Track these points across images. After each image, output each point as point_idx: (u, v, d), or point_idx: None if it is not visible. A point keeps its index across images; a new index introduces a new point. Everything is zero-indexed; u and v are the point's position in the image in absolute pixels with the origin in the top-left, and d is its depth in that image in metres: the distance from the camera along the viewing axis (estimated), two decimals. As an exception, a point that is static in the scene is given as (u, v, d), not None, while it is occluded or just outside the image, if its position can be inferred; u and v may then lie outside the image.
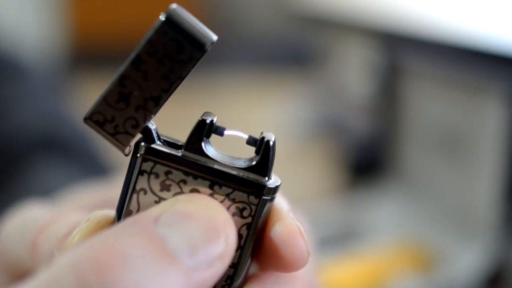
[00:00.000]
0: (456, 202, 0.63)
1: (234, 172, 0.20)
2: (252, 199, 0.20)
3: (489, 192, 0.58)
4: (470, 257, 0.57)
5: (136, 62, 0.19)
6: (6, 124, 0.50)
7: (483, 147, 0.59)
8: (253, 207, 0.20)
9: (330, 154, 0.84)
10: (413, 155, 0.70)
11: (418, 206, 0.67)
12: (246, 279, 0.21)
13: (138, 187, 0.20)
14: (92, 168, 0.48)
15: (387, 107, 0.72)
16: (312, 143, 0.92)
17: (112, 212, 0.21)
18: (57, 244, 0.21)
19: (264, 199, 0.20)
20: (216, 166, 0.20)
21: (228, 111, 0.21)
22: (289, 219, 0.21)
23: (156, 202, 0.20)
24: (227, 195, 0.20)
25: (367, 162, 0.76)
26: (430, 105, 0.67)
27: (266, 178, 0.20)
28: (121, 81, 0.19)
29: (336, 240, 0.65)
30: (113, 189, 0.22)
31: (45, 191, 0.35)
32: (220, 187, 0.20)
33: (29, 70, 0.57)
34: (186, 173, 0.20)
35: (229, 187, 0.20)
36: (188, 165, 0.20)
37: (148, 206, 0.20)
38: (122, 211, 0.20)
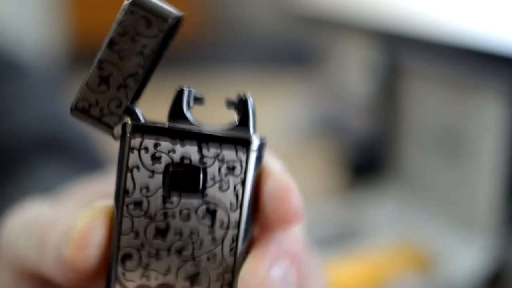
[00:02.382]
0: (456, 202, 0.63)
1: (218, 133, 0.21)
2: (241, 155, 0.21)
3: (489, 192, 0.58)
4: (470, 257, 0.57)
5: (111, 45, 0.21)
6: (6, 124, 0.50)
7: (483, 147, 0.59)
8: (243, 163, 0.21)
9: (330, 154, 0.84)
10: (413, 155, 0.70)
11: (418, 206, 0.67)
12: (251, 241, 0.21)
13: (130, 165, 0.21)
14: (93, 168, 0.48)
15: (387, 107, 0.72)
16: (312, 143, 0.92)
17: (111, 201, 0.21)
18: (62, 238, 0.21)
19: (252, 152, 0.21)
20: (200, 130, 0.21)
21: (228, 110, 0.22)
22: (280, 175, 0.21)
23: (150, 177, 0.21)
24: (216, 157, 0.21)
25: (367, 162, 0.76)
26: (430, 105, 0.67)
27: (251, 133, 0.21)
28: (100, 65, 0.21)
29: (336, 240, 0.65)
30: (111, 181, 0.23)
31: (45, 191, 0.35)
32: (208, 149, 0.21)
33: (29, 70, 0.57)
34: (173, 142, 0.21)
35: (216, 147, 0.21)
36: (174, 133, 0.21)
37: (143, 182, 0.21)
38: (120, 192, 0.21)
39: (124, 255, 0.21)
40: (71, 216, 0.22)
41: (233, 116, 0.22)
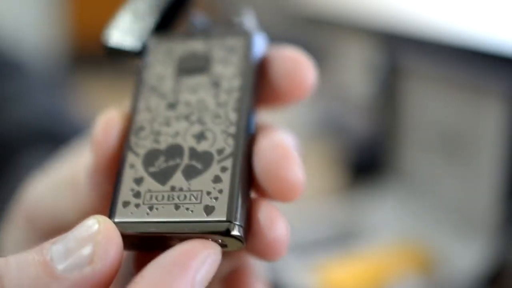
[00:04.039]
0: (456, 202, 0.63)
1: (221, 32, 0.25)
2: (239, 39, 0.24)
3: (489, 192, 0.58)
4: (470, 257, 0.57)
5: None
6: (4, 120, 0.50)
7: (483, 147, 0.59)
8: (242, 43, 0.24)
9: (330, 154, 0.84)
10: (413, 155, 0.70)
11: (418, 206, 0.67)
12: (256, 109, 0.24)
13: (148, 62, 0.25)
14: None
15: (387, 107, 0.72)
16: (312, 143, 0.92)
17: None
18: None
19: (250, 35, 0.24)
20: (205, 32, 0.25)
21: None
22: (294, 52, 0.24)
23: (165, 68, 0.24)
24: (219, 43, 0.24)
25: (367, 162, 0.76)
26: (430, 105, 0.67)
27: (247, 28, 0.25)
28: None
29: (336, 240, 0.65)
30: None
31: None
32: (213, 41, 0.24)
33: (28, 68, 0.57)
34: (184, 41, 0.25)
35: (219, 40, 0.24)
36: (184, 36, 0.25)
37: (159, 72, 0.24)
38: (138, 83, 0.24)
39: (138, 127, 0.23)
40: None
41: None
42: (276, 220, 0.21)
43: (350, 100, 0.90)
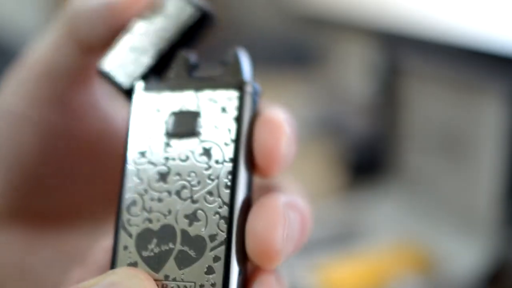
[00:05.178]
0: (456, 202, 0.63)
1: (211, 80, 0.23)
2: (233, 96, 0.22)
3: (489, 192, 0.58)
4: (470, 257, 0.57)
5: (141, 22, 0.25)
6: None
7: (483, 147, 0.59)
8: (236, 103, 0.22)
9: (330, 154, 0.84)
10: (413, 155, 0.70)
11: (418, 206, 0.67)
12: (251, 184, 0.22)
13: (135, 119, 0.23)
14: None
15: (387, 107, 0.72)
16: (312, 143, 0.92)
17: None
18: None
19: (243, 92, 0.22)
20: (194, 80, 0.23)
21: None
22: (274, 114, 0.22)
23: (153, 127, 0.23)
24: (210, 100, 0.22)
25: (367, 163, 0.76)
26: (430, 105, 0.67)
27: (242, 77, 0.23)
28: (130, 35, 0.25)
29: (336, 240, 0.65)
30: None
31: None
32: (203, 95, 0.23)
33: None
34: (172, 93, 0.23)
35: (210, 92, 0.22)
36: (172, 86, 0.23)
37: (147, 133, 0.23)
38: (126, 144, 0.23)
39: (129, 201, 0.22)
40: None
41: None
42: None
43: (350, 100, 0.90)
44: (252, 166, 0.22)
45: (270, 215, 0.20)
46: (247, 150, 0.22)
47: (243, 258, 0.21)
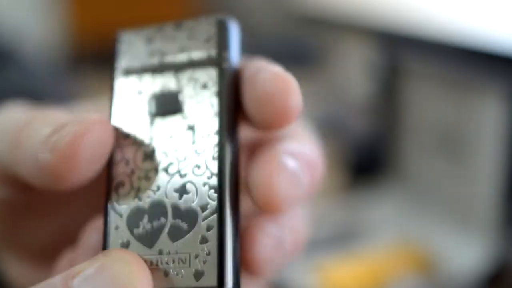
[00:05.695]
0: (456, 202, 0.63)
1: (189, 59, 0.23)
2: (210, 71, 0.22)
3: (489, 191, 0.58)
4: (470, 257, 0.57)
5: None
6: None
7: (483, 147, 0.59)
8: (214, 77, 0.22)
9: (330, 154, 0.84)
10: (413, 155, 0.70)
11: (418, 206, 0.67)
12: (238, 149, 0.22)
13: (117, 102, 0.23)
14: None
15: (387, 107, 0.72)
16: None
17: (105, 116, 0.22)
18: (42, 142, 0.20)
19: (221, 68, 0.22)
20: (173, 61, 0.23)
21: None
22: (272, 70, 0.21)
23: (136, 109, 0.23)
24: (190, 79, 0.23)
25: (367, 163, 0.76)
26: (430, 105, 0.67)
27: (218, 50, 0.23)
28: None
29: (336, 240, 0.65)
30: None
31: None
32: (183, 75, 0.23)
33: (28, 68, 0.57)
34: (153, 76, 0.23)
35: (189, 72, 0.23)
36: (153, 68, 0.23)
37: (131, 115, 0.23)
38: (111, 110, 0.23)
39: (117, 183, 0.22)
40: (51, 119, 0.21)
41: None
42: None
43: (350, 100, 0.90)
44: (238, 127, 0.22)
45: (268, 165, 0.21)
46: (231, 121, 0.22)
47: (236, 224, 0.21)
